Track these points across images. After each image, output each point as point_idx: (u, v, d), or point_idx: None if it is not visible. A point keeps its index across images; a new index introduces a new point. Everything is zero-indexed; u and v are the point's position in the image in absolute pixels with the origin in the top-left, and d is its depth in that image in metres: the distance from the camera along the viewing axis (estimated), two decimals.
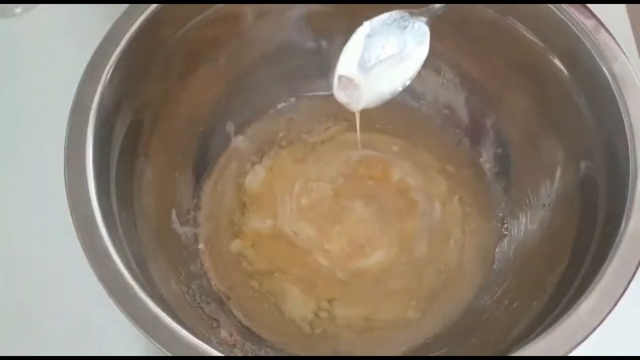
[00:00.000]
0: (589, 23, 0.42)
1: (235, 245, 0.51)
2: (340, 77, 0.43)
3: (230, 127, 0.54)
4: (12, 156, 0.55)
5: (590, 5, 0.42)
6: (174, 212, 0.49)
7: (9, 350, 0.47)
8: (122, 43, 0.40)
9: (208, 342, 0.33)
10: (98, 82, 0.39)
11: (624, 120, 0.39)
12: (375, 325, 0.48)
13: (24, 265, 0.50)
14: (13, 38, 0.60)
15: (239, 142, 0.55)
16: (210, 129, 0.53)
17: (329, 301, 0.48)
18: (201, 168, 0.53)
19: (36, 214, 0.52)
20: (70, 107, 0.38)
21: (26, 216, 0.52)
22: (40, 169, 0.51)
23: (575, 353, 0.33)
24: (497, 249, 0.50)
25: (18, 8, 0.60)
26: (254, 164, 0.54)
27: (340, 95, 0.44)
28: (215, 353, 0.33)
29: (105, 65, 0.39)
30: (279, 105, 0.56)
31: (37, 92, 0.57)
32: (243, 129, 0.55)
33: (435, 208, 0.52)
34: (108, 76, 0.39)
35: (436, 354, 0.46)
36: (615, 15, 0.59)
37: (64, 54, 0.57)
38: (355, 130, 0.48)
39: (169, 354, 0.32)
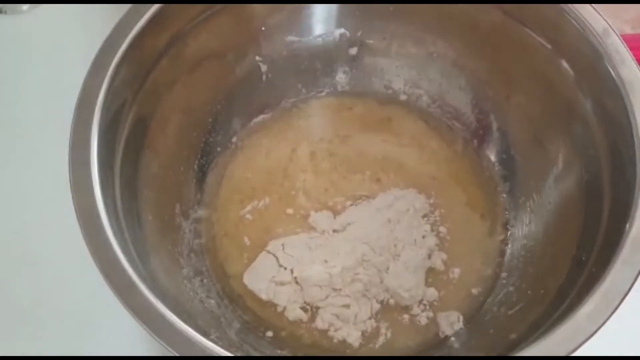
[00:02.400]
0: (598, 26, 0.41)
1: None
2: None
3: (236, 122, 0.55)
4: (18, 150, 0.55)
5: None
6: (178, 206, 0.49)
7: (11, 349, 0.47)
8: (129, 38, 0.40)
9: (208, 337, 0.33)
10: (104, 76, 0.39)
11: (631, 124, 0.39)
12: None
13: (26, 260, 0.51)
14: (20, 35, 0.61)
15: (244, 137, 0.55)
16: (217, 124, 0.53)
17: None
18: (206, 162, 0.53)
19: (40, 207, 0.52)
20: (75, 101, 0.38)
21: (31, 209, 0.52)
22: (45, 162, 0.51)
23: (575, 353, 0.33)
24: (501, 252, 0.50)
25: (25, 6, 0.61)
26: (259, 160, 0.54)
27: None
28: (215, 348, 0.33)
29: (112, 60, 0.40)
30: (286, 103, 0.56)
31: (43, 88, 0.58)
32: (249, 124, 0.55)
33: (440, 210, 0.52)
34: (114, 70, 0.39)
35: (437, 354, 0.46)
36: None
37: (69, 51, 0.58)
38: None
39: (169, 348, 0.32)
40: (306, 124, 0.56)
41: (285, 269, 0.48)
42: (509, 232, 0.51)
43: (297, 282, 0.47)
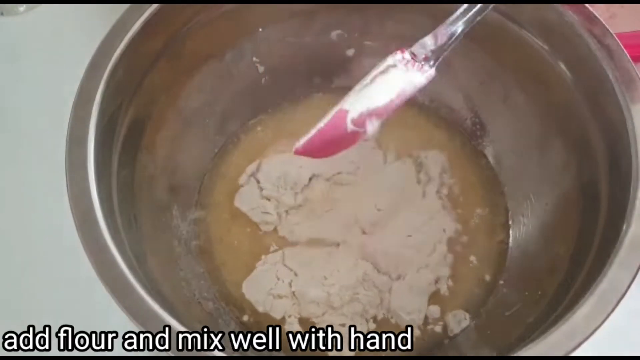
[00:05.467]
0: (595, 28, 0.41)
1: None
2: None
3: (233, 123, 0.55)
4: (14, 151, 0.55)
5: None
6: (175, 207, 0.49)
7: (8, 349, 0.46)
8: (126, 39, 0.40)
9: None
10: (101, 78, 0.39)
11: (627, 125, 0.39)
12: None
13: (22, 260, 0.51)
14: (17, 36, 0.61)
15: (242, 137, 0.55)
16: (214, 125, 0.53)
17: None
18: (204, 164, 0.53)
19: (37, 208, 0.52)
20: (72, 102, 0.38)
21: (27, 210, 0.52)
22: (42, 163, 0.51)
23: (575, 353, 0.33)
24: (499, 253, 0.50)
25: (22, 7, 0.62)
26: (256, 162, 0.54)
27: None
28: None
29: (109, 61, 0.40)
30: (284, 103, 0.56)
31: (40, 88, 0.58)
32: (246, 125, 0.55)
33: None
34: (111, 72, 0.39)
35: (437, 354, 0.46)
36: None
37: (66, 51, 0.58)
38: None
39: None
40: (305, 123, 0.56)
41: (283, 281, 0.47)
42: (506, 233, 0.51)
43: (294, 296, 0.47)
